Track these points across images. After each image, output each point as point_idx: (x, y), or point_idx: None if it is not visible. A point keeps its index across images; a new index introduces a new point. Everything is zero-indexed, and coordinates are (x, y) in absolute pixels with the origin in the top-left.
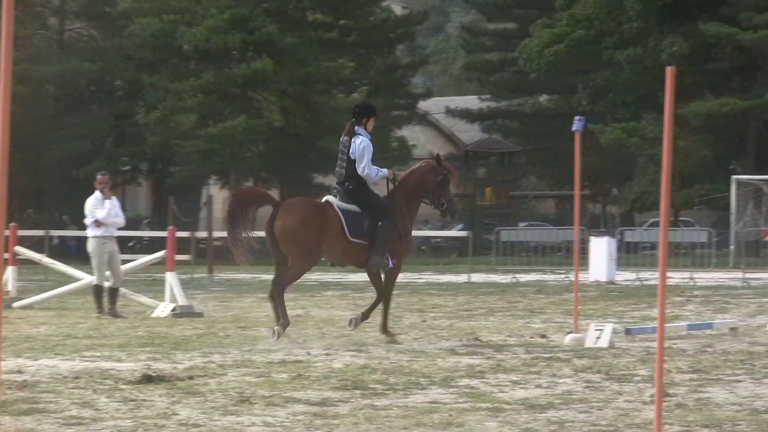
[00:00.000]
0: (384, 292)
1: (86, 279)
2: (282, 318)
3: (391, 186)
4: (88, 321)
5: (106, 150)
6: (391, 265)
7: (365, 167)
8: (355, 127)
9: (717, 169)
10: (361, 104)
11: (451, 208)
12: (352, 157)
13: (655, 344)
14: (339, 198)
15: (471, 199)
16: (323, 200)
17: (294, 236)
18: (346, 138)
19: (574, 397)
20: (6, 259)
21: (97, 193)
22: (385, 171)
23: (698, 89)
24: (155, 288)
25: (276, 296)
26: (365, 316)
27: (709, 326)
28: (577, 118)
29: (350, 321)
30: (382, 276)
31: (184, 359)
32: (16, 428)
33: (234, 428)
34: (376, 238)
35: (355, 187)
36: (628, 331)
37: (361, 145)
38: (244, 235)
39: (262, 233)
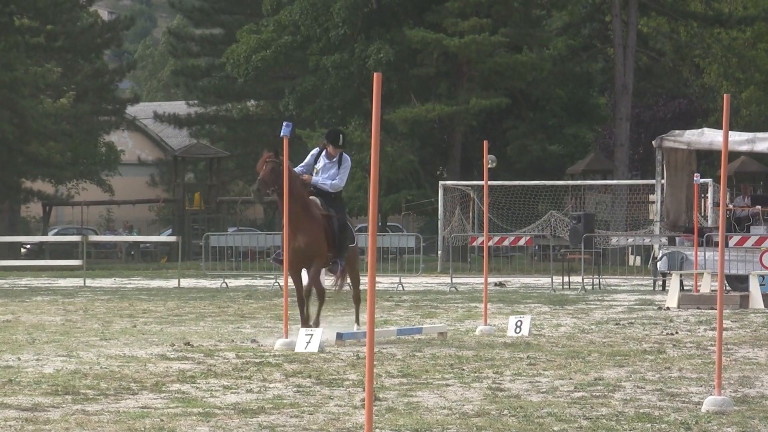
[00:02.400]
0: None
1: None
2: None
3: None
4: None
5: None
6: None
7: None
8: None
9: (424, 174)
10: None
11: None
12: None
13: (365, 349)
14: None
15: (179, 204)
16: None
17: None
18: None
19: (285, 401)
20: None
21: None
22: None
23: (405, 95)
24: None
25: None
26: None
27: (419, 331)
28: (285, 123)
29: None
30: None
31: None
32: None
33: None
34: None
35: None
36: (339, 336)
37: None
38: None
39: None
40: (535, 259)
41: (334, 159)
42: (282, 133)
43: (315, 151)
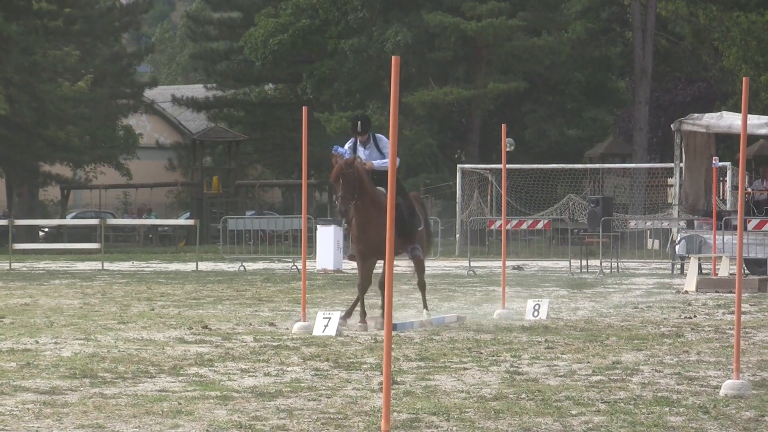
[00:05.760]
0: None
1: None
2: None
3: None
4: None
5: None
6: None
7: None
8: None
9: (442, 158)
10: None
11: None
12: None
13: (383, 332)
14: None
15: (198, 188)
16: None
17: None
18: None
19: (302, 385)
20: None
21: None
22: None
23: (423, 78)
24: None
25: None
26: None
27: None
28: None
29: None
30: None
31: None
32: None
33: None
34: None
35: None
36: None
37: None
38: None
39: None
40: (554, 242)
41: (369, 144)
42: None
43: (350, 143)
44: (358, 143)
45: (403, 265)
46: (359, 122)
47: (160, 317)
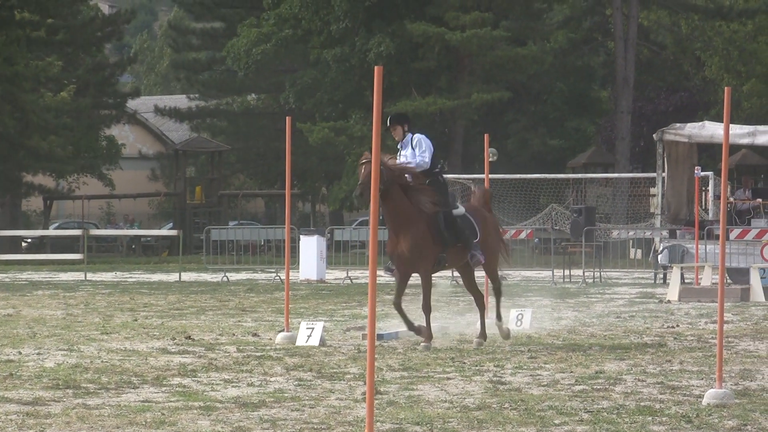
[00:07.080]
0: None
1: None
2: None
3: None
4: None
5: None
6: None
7: None
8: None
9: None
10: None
11: None
12: None
13: (366, 342)
14: None
15: (180, 198)
16: None
17: None
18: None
19: (286, 395)
20: None
21: None
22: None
23: (406, 88)
24: None
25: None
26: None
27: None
28: None
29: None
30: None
31: None
32: None
33: None
34: None
35: None
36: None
37: None
38: None
39: None
40: (536, 252)
41: (406, 143)
42: None
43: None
44: (400, 146)
45: (387, 275)
46: (388, 117)
47: (143, 328)
